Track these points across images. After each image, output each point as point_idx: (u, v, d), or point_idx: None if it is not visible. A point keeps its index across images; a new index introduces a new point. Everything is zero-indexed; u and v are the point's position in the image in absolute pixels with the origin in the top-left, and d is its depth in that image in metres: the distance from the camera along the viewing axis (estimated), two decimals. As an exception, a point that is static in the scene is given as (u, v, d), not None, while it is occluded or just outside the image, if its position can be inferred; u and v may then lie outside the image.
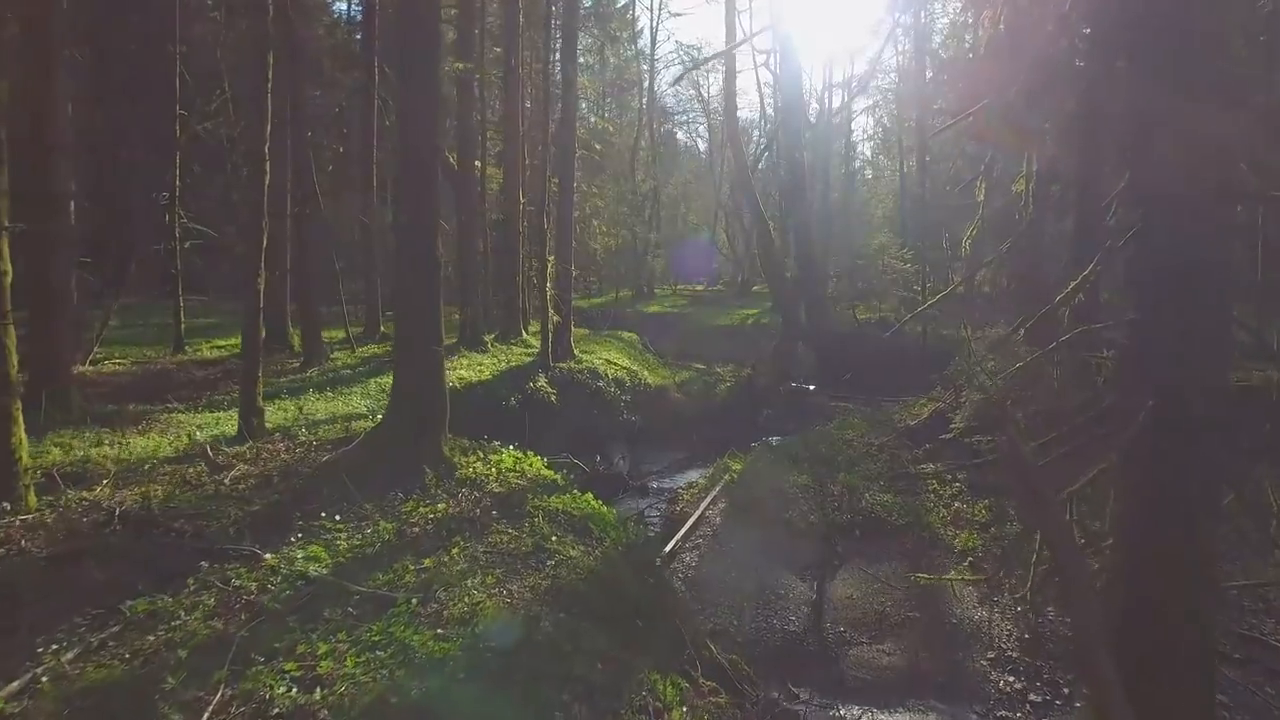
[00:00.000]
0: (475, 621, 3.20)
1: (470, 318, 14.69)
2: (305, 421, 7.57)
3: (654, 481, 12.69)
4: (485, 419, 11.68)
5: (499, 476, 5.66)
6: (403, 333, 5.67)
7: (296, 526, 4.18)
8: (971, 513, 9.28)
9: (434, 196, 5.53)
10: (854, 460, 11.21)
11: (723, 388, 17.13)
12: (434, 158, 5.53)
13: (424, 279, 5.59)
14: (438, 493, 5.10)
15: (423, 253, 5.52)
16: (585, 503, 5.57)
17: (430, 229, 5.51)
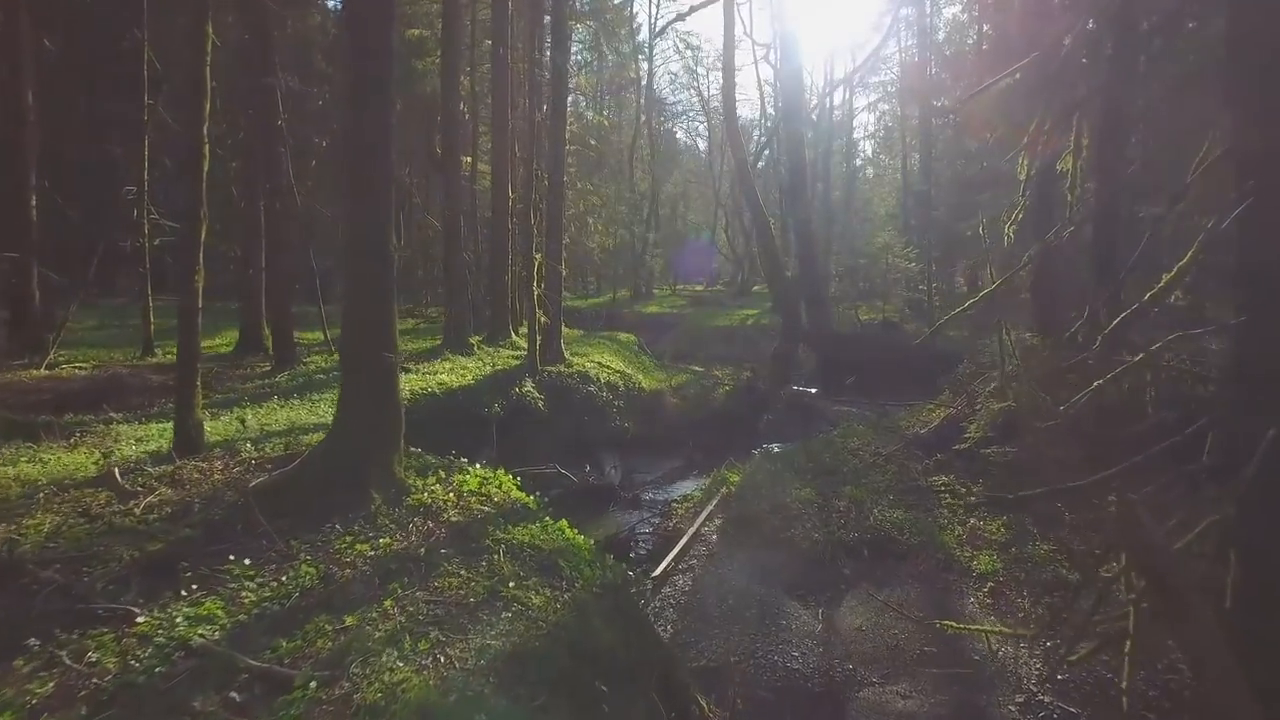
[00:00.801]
0: (392, 713, 2.48)
1: (455, 318, 13.97)
2: (256, 434, 6.84)
3: (647, 493, 11.96)
4: (466, 427, 10.96)
5: (459, 502, 4.94)
6: (349, 339, 4.95)
7: (198, 574, 3.45)
8: (988, 530, 8.55)
9: (385, 183, 4.82)
10: (860, 472, 10.48)
11: (721, 392, 16.41)
12: (386, 138, 4.82)
13: (373, 278, 4.87)
14: (383, 524, 4.39)
15: (372, 248, 4.80)
16: (557, 533, 4.85)
17: (381, 220, 4.80)
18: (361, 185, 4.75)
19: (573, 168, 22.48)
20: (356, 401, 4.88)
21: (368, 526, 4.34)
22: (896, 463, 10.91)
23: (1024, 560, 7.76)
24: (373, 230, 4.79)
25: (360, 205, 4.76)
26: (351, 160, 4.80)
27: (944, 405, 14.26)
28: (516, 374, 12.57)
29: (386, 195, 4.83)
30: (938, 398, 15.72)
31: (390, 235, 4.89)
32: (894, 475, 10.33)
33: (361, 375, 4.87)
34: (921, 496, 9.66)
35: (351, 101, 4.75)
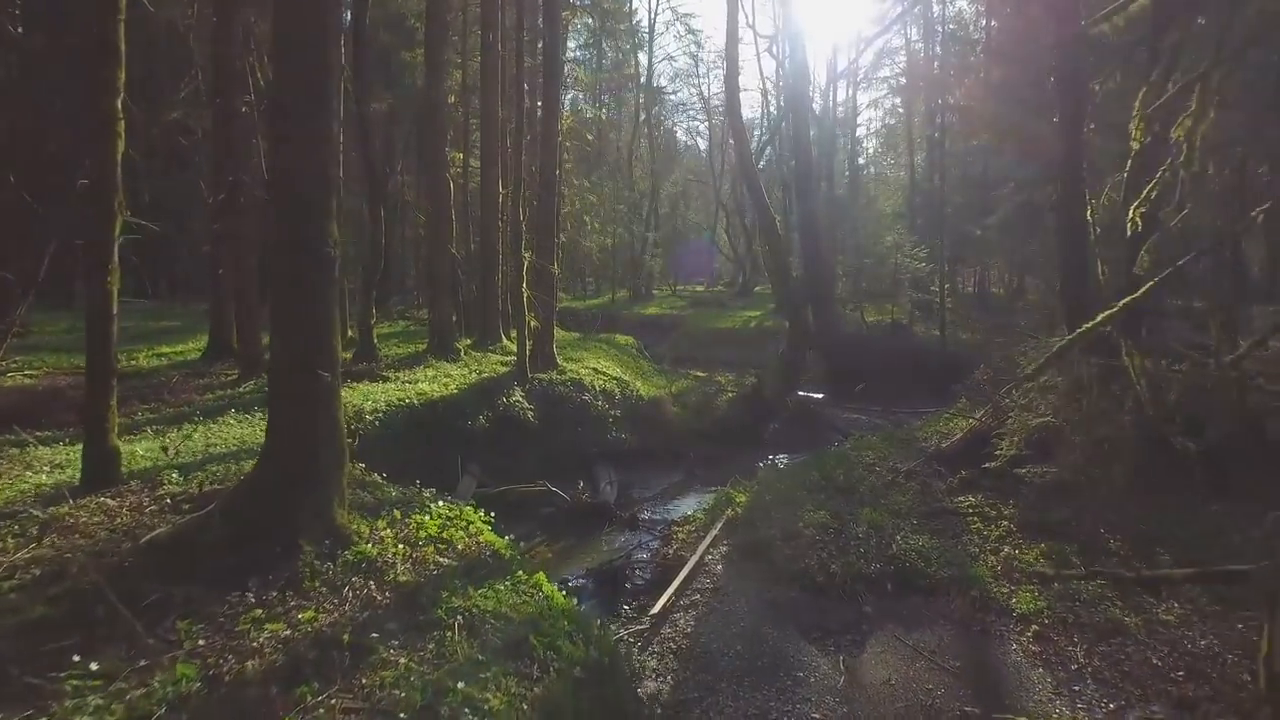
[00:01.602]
0: None
1: (440, 322, 13.08)
2: (193, 458, 5.93)
3: (646, 511, 11.05)
4: (447, 442, 10.08)
5: (413, 553, 4.05)
6: (278, 354, 4.05)
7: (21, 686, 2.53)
8: (1026, 560, 7.63)
9: (320, 161, 3.92)
10: (878, 491, 9.58)
11: (724, 399, 15.50)
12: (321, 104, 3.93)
13: (306, 279, 3.97)
14: (311, 587, 3.51)
15: (305, 241, 3.91)
16: (532, 592, 3.95)
17: (316, 208, 3.90)
18: (290, 163, 3.87)
19: (569, 164, 21.59)
20: (286, 430, 3.99)
21: (290, 592, 3.45)
22: (918, 480, 10.02)
23: (1070, 598, 6.85)
24: (305, 219, 3.90)
25: (288, 189, 3.87)
26: (277, 131, 3.92)
27: (963, 415, 13.36)
28: (505, 382, 11.67)
29: (322, 176, 3.94)
30: (955, 406, 14.83)
31: (329, 227, 3.99)
32: (916, 495, 9.43)
33: (293, 398, 3.98)
34: (948, 520, 8.76)
35: (275, 54, 3.86)
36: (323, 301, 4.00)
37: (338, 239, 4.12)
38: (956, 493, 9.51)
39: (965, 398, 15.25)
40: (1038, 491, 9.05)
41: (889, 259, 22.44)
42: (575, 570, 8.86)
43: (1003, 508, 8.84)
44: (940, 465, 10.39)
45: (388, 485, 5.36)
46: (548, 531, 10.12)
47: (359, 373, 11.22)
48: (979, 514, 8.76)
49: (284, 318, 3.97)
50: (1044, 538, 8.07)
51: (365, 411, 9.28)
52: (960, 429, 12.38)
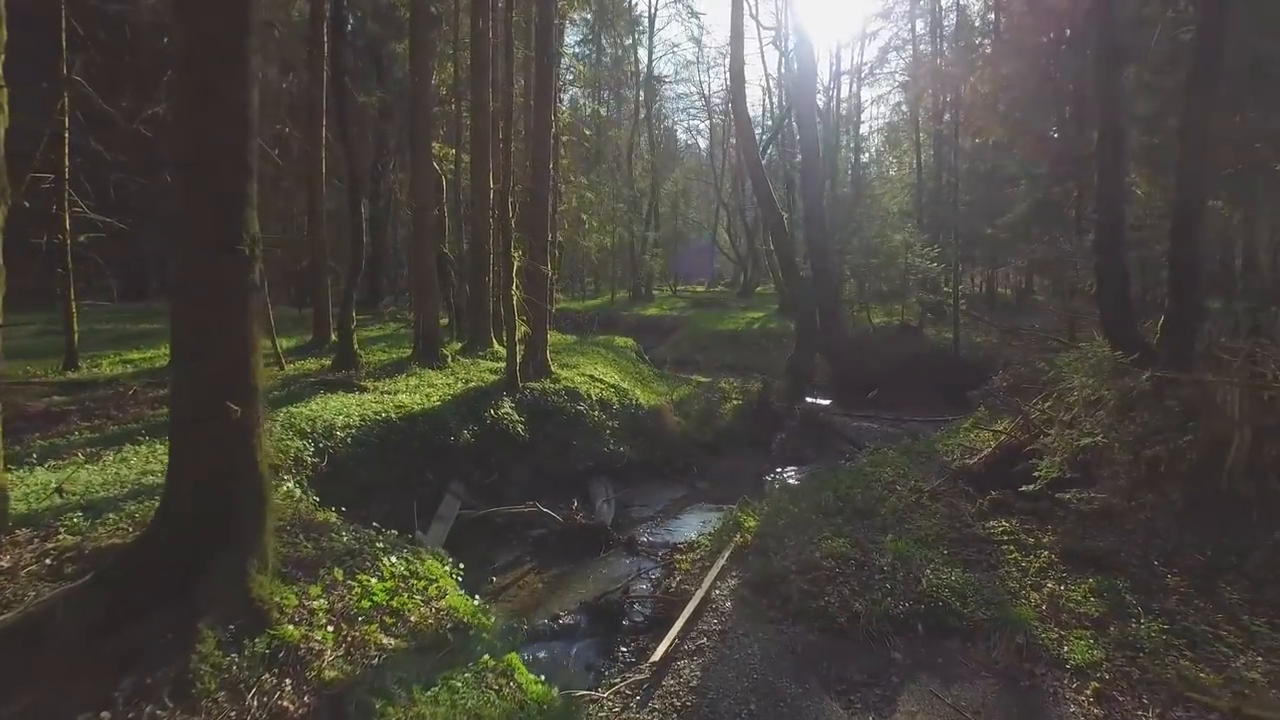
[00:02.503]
0: None
1: (426, 326, 12.21)
2: (118, 492, 5.05)
3: (645, 533, 10.20)
4: (428, 460, 9.22)
5: (348, 633, 3.19)
6: (180, 378, 3.19)
7: None
8: (1073, 597, 6.76)
9: (239, 139, 3.07)
10: (901, 514, 8.71)
11: (728, 407, 14.63)
12: (239, 79, 3.08)
13: (215, 281, 3.13)
14: (205, 692, 2.66)
15: (214, 232, 3.06)
16: (500, 687, 3.08)
17: (232, 198, 3.05)
18: (197, 140, 3.02)
19: (565, 160, 20.72)
20: (190, 476, 3.14)
21: (173, 702, 2.60)
22: (943, 501, 9.15)
23: (1131, 646, 5.98)
24: (215, 209, 3.05)
25: (195, 172, 3.02)
26: (180, 101, 3.07)
27: (985, 426, 12.49)
28: (493, 392, 10.81)
29: (236, 156, 3.09)
30: (973, 415, 13.97)
31: (245, 219, 3.14)
32: (943, 520, 8.56)
33: (199, 435, 3.13)
34: (981, 549, 7.89)
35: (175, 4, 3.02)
36: (236, 312, 3.15)
37: (258, 235, 3.27)
38: (987, 516, 8.65)
39: (984, 406, 14.39)
40: (1077, 516, 8.21)
41: (898, 258, 21.56)
42: (567, 604, 8.01)
43: (1040, 534, 7.98)
44: (967, 484, 9.52)
45: (340, 527, 4.49)
46: (538, 556, 9.28)
47: (335, 382, 10.37)
48: (1015, 542, 7.89)
49: (186, 332, 3.11)
50: (1091, 570, 7.21)
51: (336, 427, 8.43)
52: (983, 441, 11.53)
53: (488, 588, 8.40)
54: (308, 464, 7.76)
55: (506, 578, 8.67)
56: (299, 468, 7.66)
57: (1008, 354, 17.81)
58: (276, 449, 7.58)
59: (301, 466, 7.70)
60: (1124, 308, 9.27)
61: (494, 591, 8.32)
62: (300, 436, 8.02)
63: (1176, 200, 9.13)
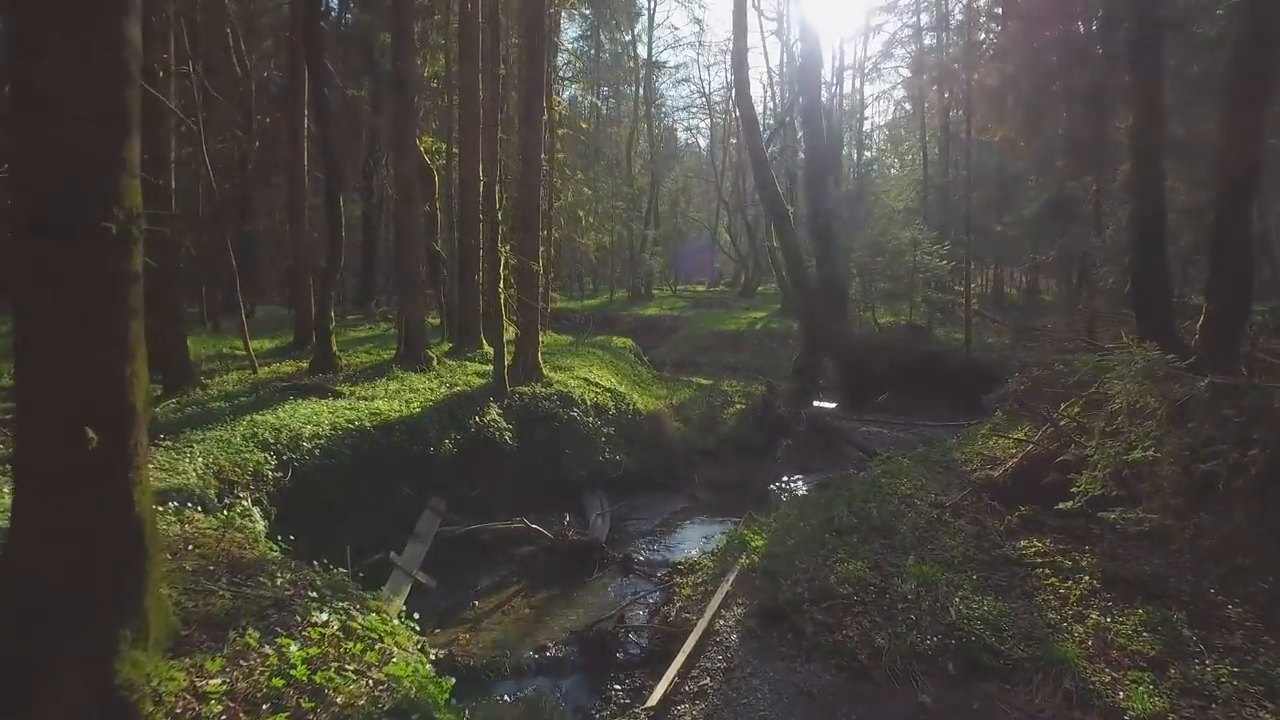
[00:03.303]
0: None
1: (410, 327, 11.46)
2: None
3: (643, 550, 9.45)
4: (405, 473, 8.47)
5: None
6: (23, 398, 2.42)
7: None
8: (1123, 631, 6.01)
9: (110, 85, 2.32)
10: (922, 532, 7.96)
11: (730, 412, 13.89)
12: (104, 5, 2.34)
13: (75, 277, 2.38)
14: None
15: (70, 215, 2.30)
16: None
17: (96, 162, 2.31)
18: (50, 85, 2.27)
19: (562, 154, 19.97)
20: (39, 527, 2.39)
21: None
22: (967, 518, 8.40)
23: (1198, 693, 5.23)
24: (72, 177, 2.30)
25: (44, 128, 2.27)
26: (27, 36, 2.33)
27: (1003, 433, 11.73)
28: (479, 397, 10.06)
29: (105, 107, 2.34)
30: (990, 420, 13.21)
31: (117, 188, 2.39)
32: (969, 539, 7.80)
33: (46, 470, 2.39)
34: (1013, 573, 7.14)
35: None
36: (102, 309, 2.40)
37: (138, 211, 2.53)
38: (1017, 535, 7.90)
39: (1001, 410, 13.63)
40: (1116, 536, 7.46)
41: (905, 256, 20.79)
42: (556, 633, 7.27)
43: (1078, 556, 7.23)
44: (992, 498, 8.78)
45: (277, 565, 3.75)
46: (526, 577, 8.53)
47: (308, 387, 9.62)
48: (1050, 565, 7.14)
49: (32, 339, 2.35)
50: (1139, 599, 6.47)
51: (303, 438, 7.68)
52: (1003, 449, 10.77)
53: (469, 613, 7.67)
54: (268, 479, 7.01)
55: (490, 601, 7.92)
56: (258, 484, 6.92)
57: (1022, 355, 17.03)
58: (233, 463, 6.83)
59: (261, 483, 6.96)
60: (1164, 307, 8.53)
61: (476, 618, 7.58)
62: (261, 448, 7.27)
63: (1220, 190, 8.39)
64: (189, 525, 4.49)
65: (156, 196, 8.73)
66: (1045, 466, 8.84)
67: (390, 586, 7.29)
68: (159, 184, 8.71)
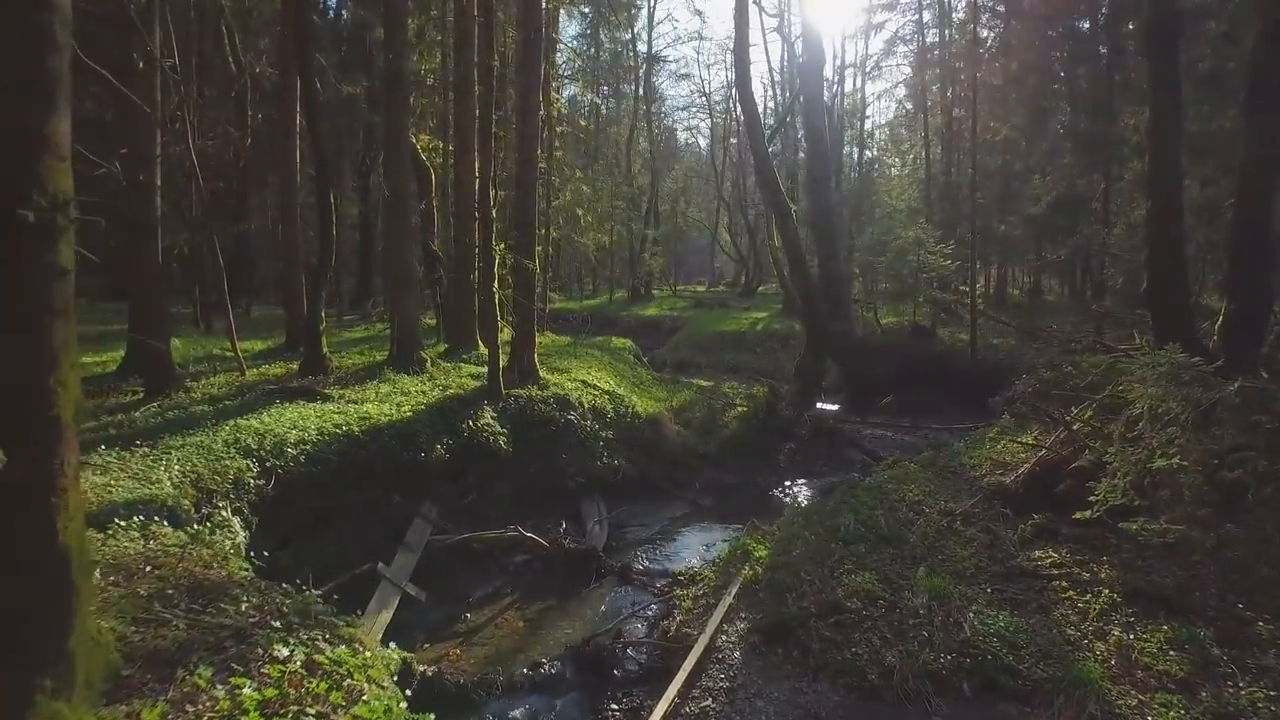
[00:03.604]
0: None
1: (403, 327, 11.15)
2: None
3: (642, 559, 9.14)
4: (395, 480, 8.15)
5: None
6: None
7: None
8: (1148, 649, 5.69)
9: (29, 43, 2.02)
10: (932, 541, 7.65)
11: (732, 415, 13.57)
12: None
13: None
14: None
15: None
16: None
17: (9, 135, 2.00)
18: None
19: (560, 151, 19.66)
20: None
21: None
22: (978, 526, 8.09)
23: (1231, 717, 4.91)
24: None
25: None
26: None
27: (1012, 436, 11.42)
28: (473, 400, 9.75)
29: (21, 68, 2.03)
30: (997, 423, 12.89)
31: (39, 166, 2.08)
32: (981, 549, 7.49)
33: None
34: (1028, 585, 6.83)
35: None
36: (22, 311, 2.09)
37: (68, 198, 2.22)
38: (1031, 544, 7.59)
39: (1009, 413, 13.32)
40: (1135, 545, 7.15)
41: (908, 255, 20.43)
42: (550, 648, 6.96)
43: (1097, 567, 6.93)
44: (1004, 506, 8.46)
45: (244, 587, 3.44)
46: (521, 587, 8.22)
47: (295, 390, 9.31)
48: (1068, 577, 6.83)
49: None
50: (1162, 613, 6.16)
51: (288, 444, 7.36)
52: (1013, 453, 10.46)
53: (460, 626, 7.36)
54: (250, 487, 6.70)
55: (483, 614, 7.61)
56: (239, 492, 6.61)
57: (1029, 357, 16.73)
58: (212, 471, 6.52)
59: (242, 491, 6.65)
60: (1182, 308, 8.22)
61: (468, 631, 7.27)
62: (243, 455, 6.96)
63: (1240, 183, 8.07)
64: (153, 542, 4.18)
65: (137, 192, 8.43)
66: (1059, 473, 8.53)
67: (378, 599, 6.98)
68: (140, 180, 8.40)
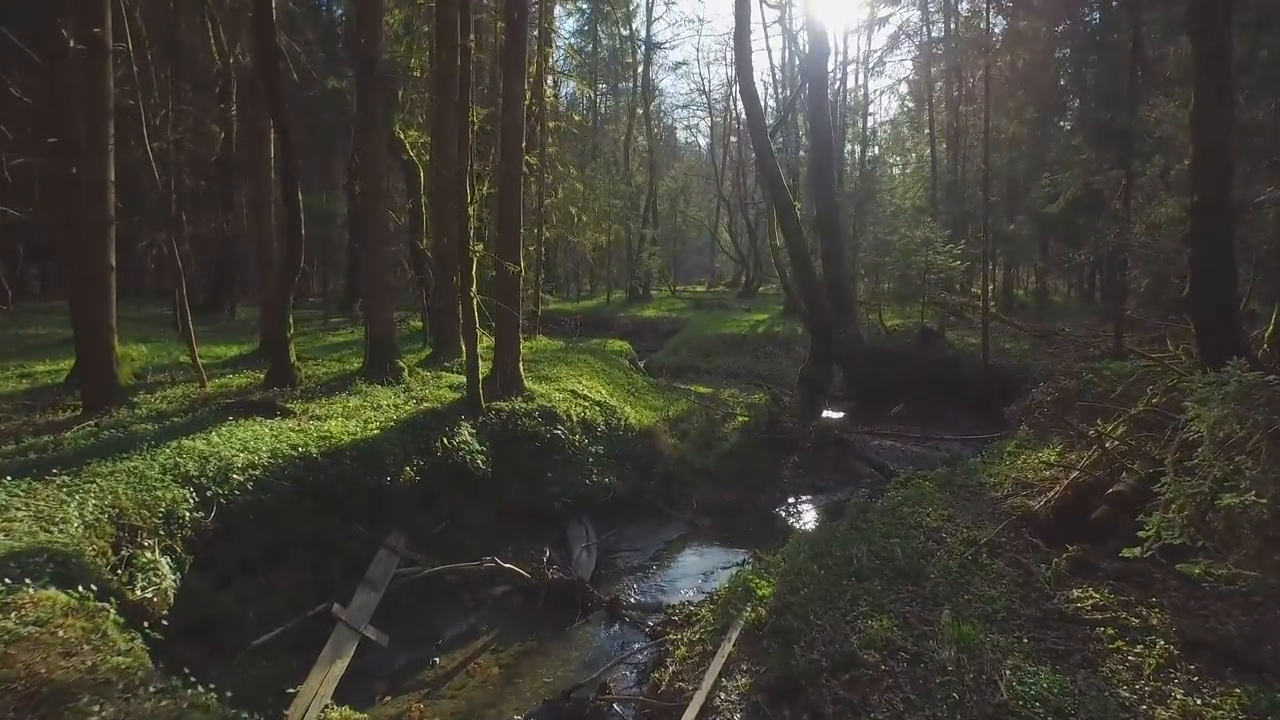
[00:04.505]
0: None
1: (378, 336, 10.34)
2: None
3: (633, 589, 8.34)
4: (357, 508, 7.35)
5: None
6: None
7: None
8: (1220, 718, 4.87)
9: None
10: (955, 577, 6.84)
11: (732, 426, 12.76)
12: None
13: None
14: None
15: None
16: None
17: None
18: None
19: (553, 147, 18.84)
20: None
21: None
22: (1006, 558, 7.28)
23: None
24: None
25: None
26: None
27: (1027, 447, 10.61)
28: (449, 414, 8.95)
29: None
30: (1015, 434, 12.08)
31: None
32: (1011, 587, 6.68)
33: None
34: (1068, 633, 6.01)
35: None
36: None
37: None
38: (1067, 581, 6.78)
39: (1026, 424, 12.51)
40: (1189, 586, 6.34)
41: (915, 256, 19.59)
42: (527, 700, 6.15)
43: (1146, 612, 6.12)
44: (1033, 534, 7.66)
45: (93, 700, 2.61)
46: (499, 624, 7.42)
47: (255, 404, 8.49)
48: (1114, 623, 6.02)
49: None
50: (1229, 670, 5.35)
51: (235, 468, 6.55)
52: (1035, 470, 9.65)
53: (428, 674, 6.55)
54: (185, 521, 5.89)
55: (453, 658, 6.81)
56: (171, 528, 5.80)
57: (1044, 362, 15.94)
58: (138, 504, 5.71)
59: (175, 526, 5.84)
60: (1230, 311, 7.41)
61: (435, 680, 6.47)
62: (181, 483, 6.15)
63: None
64: (13, 616, 3.37)
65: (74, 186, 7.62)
66: (1093, 497, 7.74)
67: (331, 646, 6.18)
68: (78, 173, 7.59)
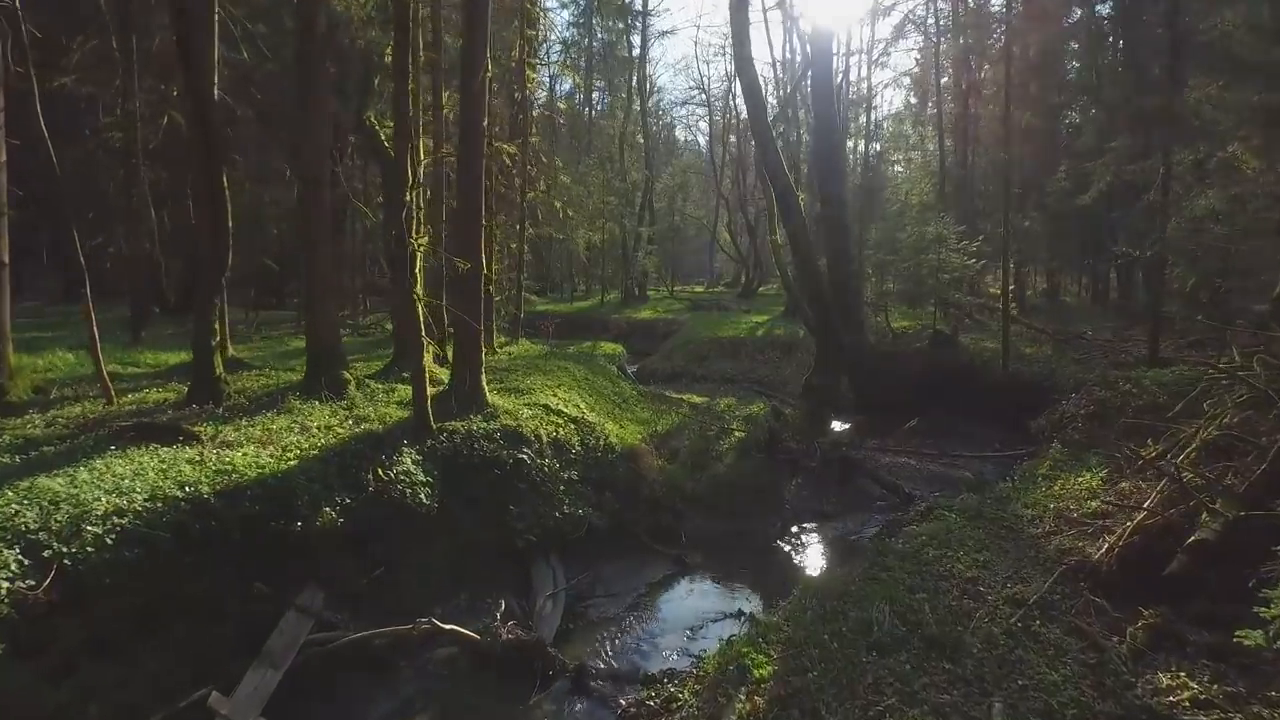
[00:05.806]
0: None
1: (316, 342, 8.97)
2: None
3: (605, 650, 6.94)
4: (259, 558, 5.96)
5: None
6: None
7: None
8: None
9: None
10: (1000, 650, 5.44)
11: (729, 444, 11.35)
12: None
13: None
14: None
15: None
16: None
17: None
18: None
19: (535, 136, 17.44)
20: None
21: None
22: (1062, 623, 5.86)
23: None
24: None
25: None
26: None
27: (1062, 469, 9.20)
28: (391, 439, 7.55)
29: None
30: (1047, 455, 10.68)
31: None
32: (1076, 668, 5.26)
33: None
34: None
35: None
36: None
37: None
38: (1145, 658, 5.39)
39: (1059, 440, 11.11)
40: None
41: (927, 254, 18.17)
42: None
43: (1270, 714, 4.69)
44: (1094, 591, 6.25)
45: None
46: (438, 701, 6.05)
47: (156, 428, 7.09)
48: None
49: None
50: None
51: (93, 517, 5.16)
52: (1079, 499, 8.24)
53: (339, 776, 5.17)
54: (2, 593, 4.49)
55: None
56: (-16, 603, 4.40)
57: (1071, 370, 14.56)
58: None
59: (-9, 600, 4.43)
60: None
61: (346, 787, 5.08)
62: (8, 541, 4.76)
63: None
64: None
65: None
66: (1165, 543, 6.34)
67: (205, 751, 4.78)
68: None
